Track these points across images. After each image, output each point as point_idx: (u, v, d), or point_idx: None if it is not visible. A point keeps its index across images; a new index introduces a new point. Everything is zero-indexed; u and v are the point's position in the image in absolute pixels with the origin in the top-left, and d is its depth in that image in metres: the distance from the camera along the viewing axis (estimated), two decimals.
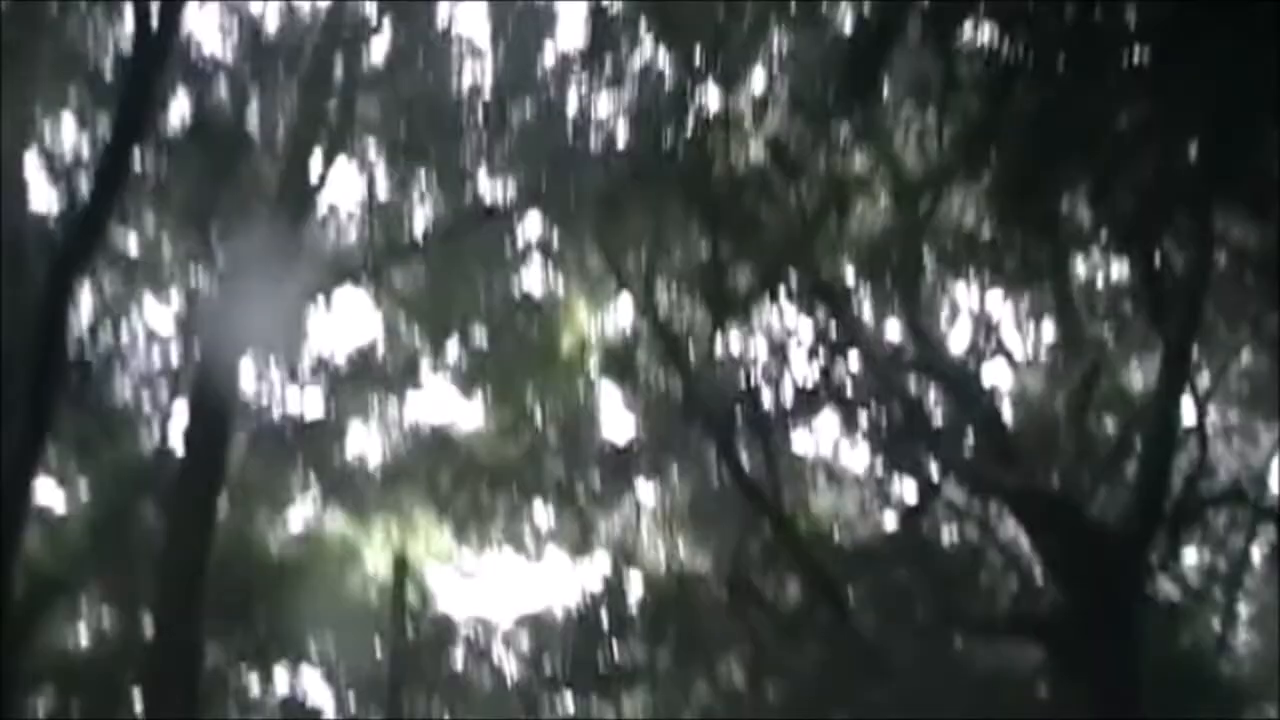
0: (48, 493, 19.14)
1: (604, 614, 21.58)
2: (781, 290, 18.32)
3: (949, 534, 19.39)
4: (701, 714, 21.13)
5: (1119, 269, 17.36)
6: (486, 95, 19.83)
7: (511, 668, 23.11)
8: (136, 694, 17.27)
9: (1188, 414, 15.81)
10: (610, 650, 21.52)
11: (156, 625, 16.37)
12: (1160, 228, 14.12)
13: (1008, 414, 17.97)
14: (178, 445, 18.07)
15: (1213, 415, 18.31)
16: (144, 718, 15.90)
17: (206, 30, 21.30)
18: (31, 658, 16.84)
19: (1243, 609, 21.01)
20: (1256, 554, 20.88)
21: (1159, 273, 14.38)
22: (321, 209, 20.12)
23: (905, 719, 18.25)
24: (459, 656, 23.16)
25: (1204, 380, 17.61)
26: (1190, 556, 19.68)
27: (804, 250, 17.47)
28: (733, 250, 17.84)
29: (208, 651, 16.84)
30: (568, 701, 21.88)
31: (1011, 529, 18.12)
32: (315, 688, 22.02)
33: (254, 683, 21.35)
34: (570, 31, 31.23)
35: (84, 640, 20.13)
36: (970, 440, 17.48)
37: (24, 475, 11.77)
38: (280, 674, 21.72)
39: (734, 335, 19.02)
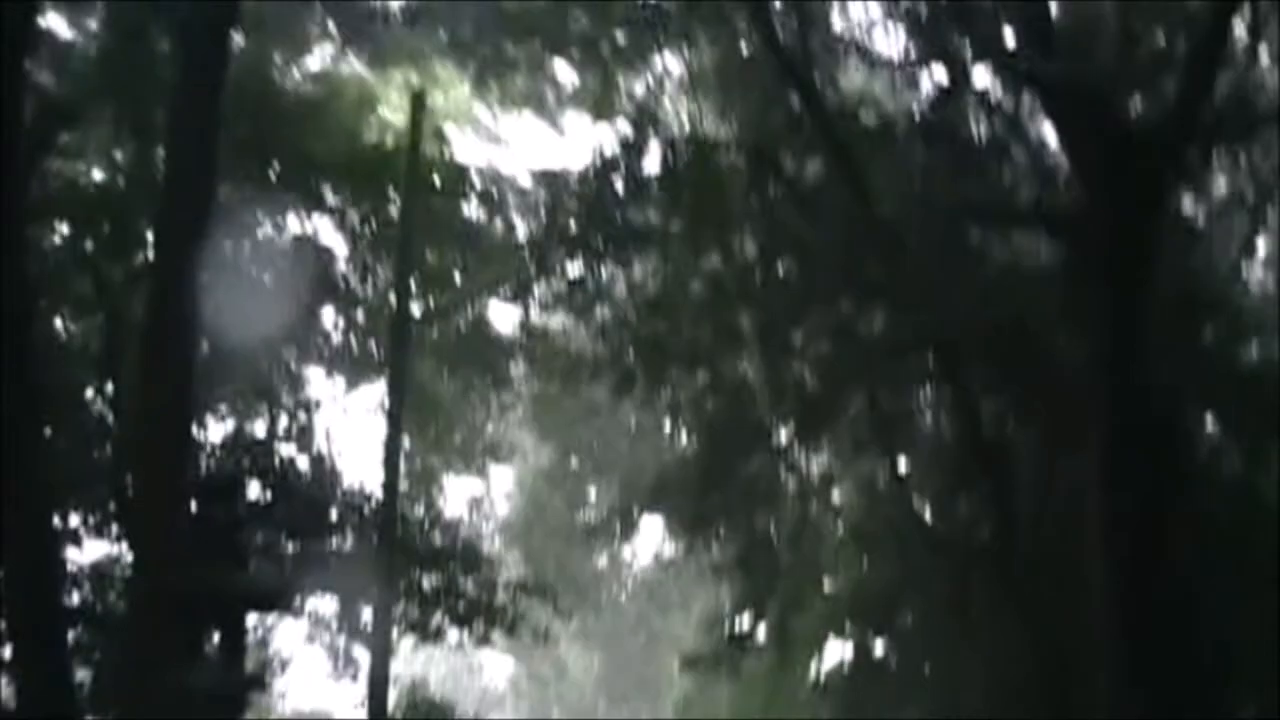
0: (55, 17, 18.58)
1: (620, 176, 21.34)
2: None
3: (976, 125, 19.04)
4: (711, 282, 21.22)
5: None
6: None
7: (524, 223, 23.08)
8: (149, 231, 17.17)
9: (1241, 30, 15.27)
10: (624, 213, 21.40)
11: (168, 160, 16.10)
12: None
13: (1054, 7, 17.28)
14: None
15: (1266, 40, 17.65)
16: (155, 254, 15.82)
17: None
18: (42, 189, 16.74)
19: (1261, 243, 20.74)
20: None
21: None
22: None
23: (915, 300, 18.40)
24: (473, 208, 23.07)
25: None
26: (1219, 182, 19.35)
27: None
28: None
29: (220, 190, 16.62)
30: (577, 261, 21.86)
31: (1040, 126, 17.79)
32: (327, 231, 22.07)
33: (266, 223, 21.34)
34: None
35: (95, 173, 19.98)
36: (1011, 30, 16.97)
37: None
38: (292, 217, 21.73)
39: None
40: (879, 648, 22.19)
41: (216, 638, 14.08)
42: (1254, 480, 18.12)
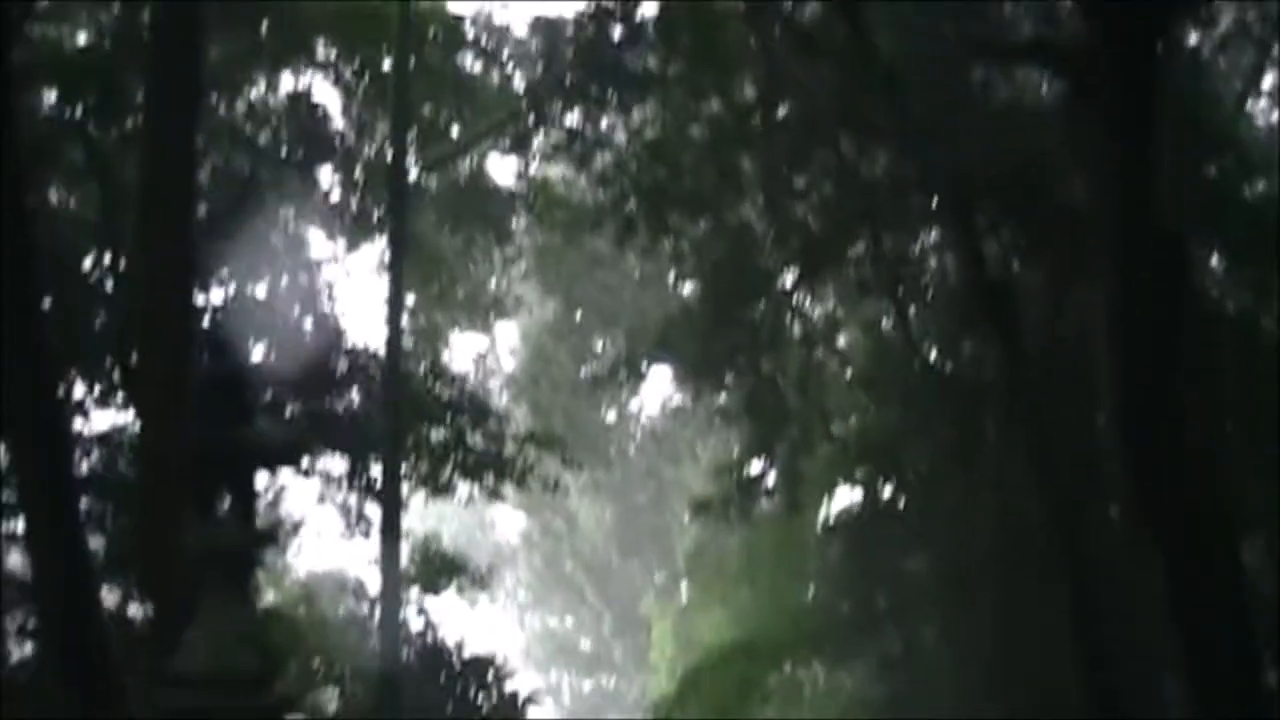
0: None
1: (617, 22, 21.02)
2: None
3: None
4: (711, 127, 20.99)
5: None
6: None
7: (521, 73, 22.77)
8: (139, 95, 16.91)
9: None
10: (622, 59, 21.11)
11: (154, 21, 15.82)
12: None
13: None
14: None
15: None
16: (146, 118, 15.61)
17: None
18: (27, 55, 16.45)
19: (1269, 77, 20.44)
20: None
21: None
22: None
23: (917, 140, 18.21)
24: (468, 59, 22.77)
25: None
26: (1224, 15, 18.99)
27: None
28: None
29: (210, 50, 16.37)
30: (576, 110, 21.59)
31: None
32: (321, 88, 21.80)
33: (259, 82, 21.05)
34: None
35: (80, 37, 19.67)
36: None
37: None
38: (285, 75, 21.45)
39: None
40: (888, 490, 22.30)
41: (227, 499, 14.11)
42: (1258, 313, 18.07)
